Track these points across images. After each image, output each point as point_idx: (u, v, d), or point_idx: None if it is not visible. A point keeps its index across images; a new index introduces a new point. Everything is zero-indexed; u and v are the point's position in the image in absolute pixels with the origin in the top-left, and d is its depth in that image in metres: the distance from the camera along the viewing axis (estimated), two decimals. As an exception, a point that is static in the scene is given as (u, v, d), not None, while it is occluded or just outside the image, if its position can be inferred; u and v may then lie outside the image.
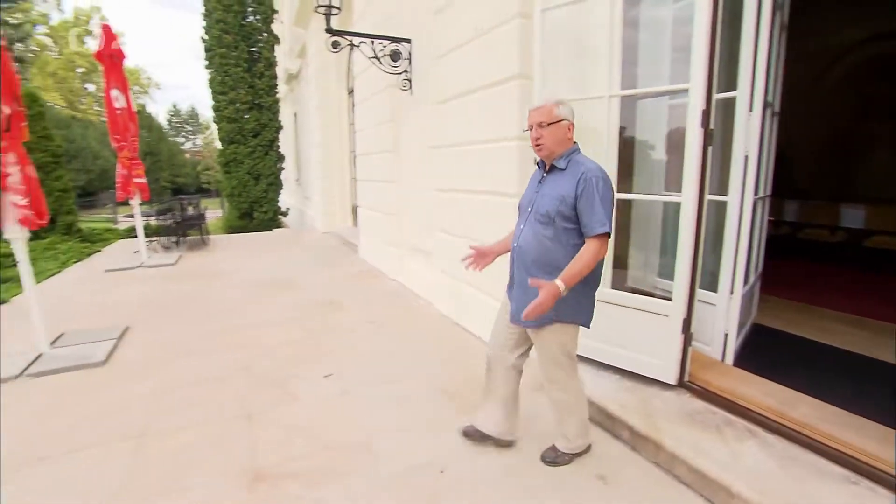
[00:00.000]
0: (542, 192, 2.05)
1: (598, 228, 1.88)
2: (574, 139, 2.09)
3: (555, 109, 2.00)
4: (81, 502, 2.07)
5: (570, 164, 2.01)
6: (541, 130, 2.01)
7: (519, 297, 2.10)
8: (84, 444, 2.52)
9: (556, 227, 1.98)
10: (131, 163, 6.93)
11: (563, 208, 1.95)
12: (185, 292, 5.52)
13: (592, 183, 1.90)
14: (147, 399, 2.98)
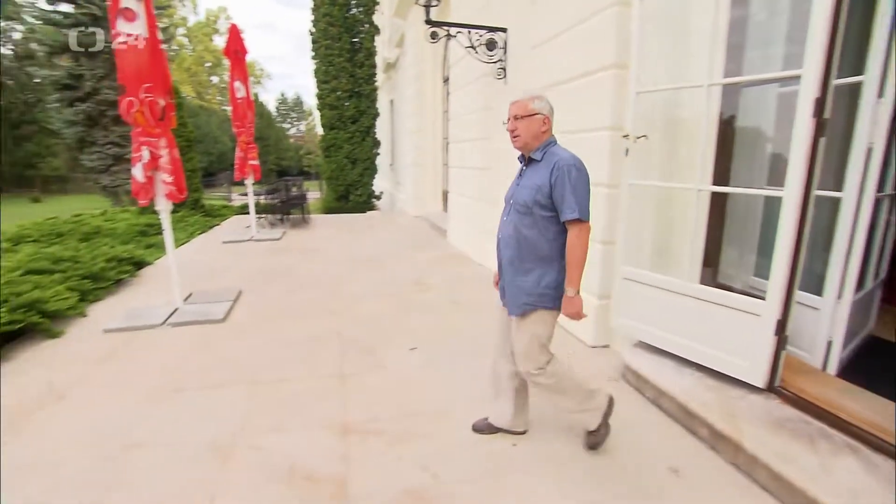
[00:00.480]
0: (522, 184, 2.12)
1: (570, 214, 1.95)
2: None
3: (530, 104, 2.06)
4: (213, 427, 2.48)
5: (545, 155, 2.07)
6: (516, 123, 2.08)
7: (507, 281, 2.18)
8: (210, 384, 2.98)
9: (534, 216, 2.04)
10: (248, 146, 7.73)
11: (539, 197, 2.02)
12: (289, 264, 6.10)
13: (564, 171, 1.96)
14: (257, 353, 3.42)
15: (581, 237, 1.98)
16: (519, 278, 2.11)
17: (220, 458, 2.26)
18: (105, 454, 2.31)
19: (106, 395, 2.87)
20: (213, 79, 45.73)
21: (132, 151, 3.79)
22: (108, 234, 7.02)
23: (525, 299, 2.10)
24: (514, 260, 2.13)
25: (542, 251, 2.06)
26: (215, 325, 3.95)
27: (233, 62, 7.59)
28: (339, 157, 13.12)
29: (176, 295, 4.22)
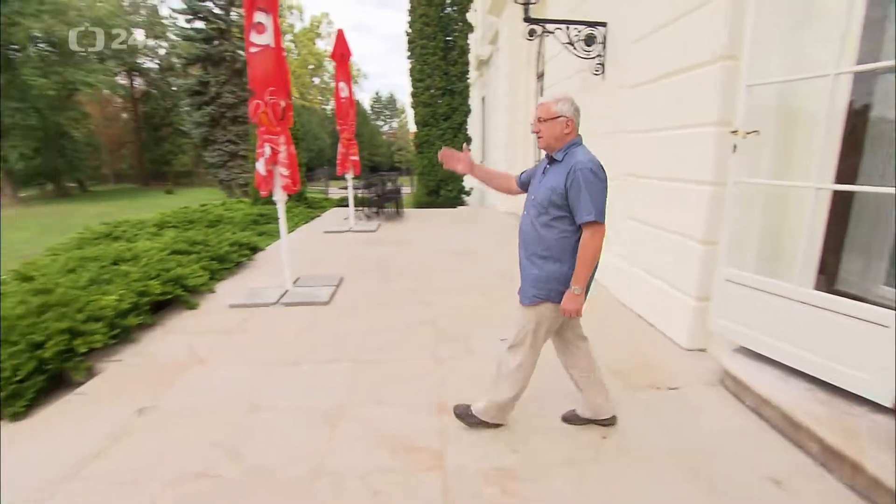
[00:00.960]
0: (542, 183, 2.19)
1: (585, 216, 2.02)
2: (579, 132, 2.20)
3: (553, 106, 2.15)
4: (323, 397, 2.80)
5: (566, 156, 2.14)
6: (540, 125, 2.18)
7: (521, 272, 2.29)
8: (319, 359, 3.32)
9: (549, 214, 2.13)
10: (349, 143, 8.26)
11: (554, 198, 2.10)
12: (384, 255, 6.47)
13: (580, 175, 2.02)
14: (358, 334, 3.72)
15: (594, 238, 2.06)
16: (532, 271, 2.21)
17: (330, 424, 2.54)
18: (236, 411, 2.69)
19: (236, 361, 3.31)
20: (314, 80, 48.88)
21: (256, 148, 4.27)
22: (228, 222, 7.89)
23: (534, 291, 2.20)
24: (529, 254, 2.23)
25: (555, 248, 2.14)
26: (321, 307, 4.34)
27: (338, 64, 8.14)
28: (431, 154, 13.52)
29: (287, 278, 4.70)
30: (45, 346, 2.97)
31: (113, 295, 3.56)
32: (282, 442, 2.41)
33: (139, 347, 3.53)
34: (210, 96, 26.99)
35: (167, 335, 3.76)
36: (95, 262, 4.24)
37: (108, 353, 3.37)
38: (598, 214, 2.03)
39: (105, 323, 3.33)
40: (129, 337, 3.56)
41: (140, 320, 3.66)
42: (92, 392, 2.96)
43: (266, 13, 4.17)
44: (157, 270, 4.20)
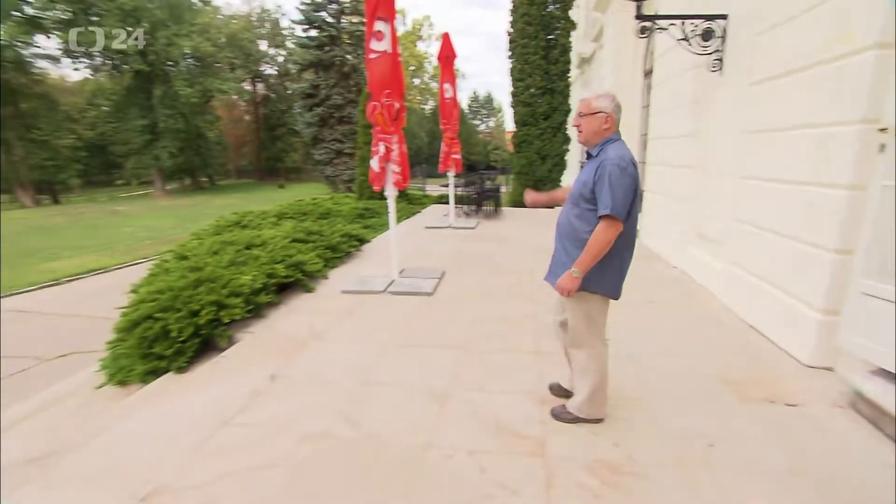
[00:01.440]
0: (578, 177, 2.31)
1: (602, 210, 2.10)
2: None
3: (593, 102, 2.23)
4: (431, 379, 3.00)
5: (600, 152, 2.21)
6: (580, 119, 2.27)
7: (554, 260, 2.42)
8: (426, 344, 3.55)
9: (579, 207, 2.24)
10: (452, 142, 8.54)
11: (584, 191, 2.20)
12: (484, 251, 6.63)
13: (607, 170, 2.10)
14: (462, 325, 3.90)
15: (607, 232, 2.14)
16: (564, 259, 2.32)
17: (438, 404, 2.73)
18: (352, 383, 2.98)
19: (350, 341, 3.64)
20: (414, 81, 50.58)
21: (372, 146, 4.62)
22: (337, 215, 8.52)
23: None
24: (565, 245, 2.35)
25: (584, 236, 2.22)
26: (425, 297, 4.59)
27: (443, 66, 8.45)
28: (529, 153, 13.49)
29: (393, 268, 5.02)
30: (200, 315, 3.50)
31: (248, 275, 4.08)
32: (394, 414, 2.64)
33: (267, 322, 4.01)
34: (320, 98, 29.11)
35: (290, 313, 4.21)
36: (232, 247, 4.86)
37: (244, 325, 3.87)
38: (616, 210, 2.09)
39: (242, 299, 3.83)
40: (259, 312, 4.06)
41: (268, 299, 4.15)
42: (233, 356, 3.43)
43: (385, 22, 4.48)
44: (281, 256, 4.71)
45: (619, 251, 2.26)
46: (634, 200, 2.18)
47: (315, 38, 29.37)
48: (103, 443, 2.50)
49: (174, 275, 4.04)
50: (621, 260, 2.33)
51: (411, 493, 2.05)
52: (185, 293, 3.65)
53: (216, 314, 3.59)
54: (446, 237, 7.70)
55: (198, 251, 4.82)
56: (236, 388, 2.96)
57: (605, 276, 2.28)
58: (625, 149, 2.21)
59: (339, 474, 2.17)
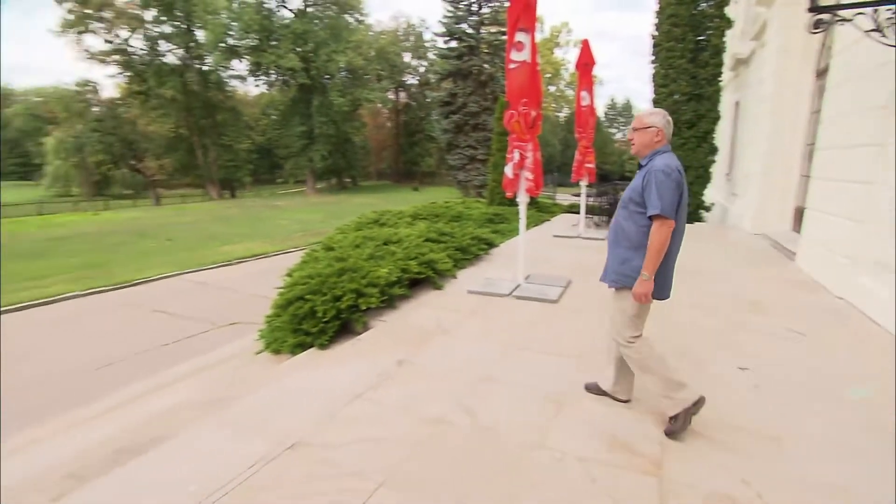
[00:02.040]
0: (630, 185, 2.50)
1: (652, 210, 2.31)
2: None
3: (646, 118, 2.47)
4: (549, 383, 3.05)
5: (649, 162, 2.42)
6: (633, 133, 2.50)
7: (608, 259, 2.62)
8: (546, 350, 3.58)
9: (629, 209, 2.46)
10: (586, 150, 8.37)
11: (633, 195, 2.43)
12: (610, 264, 6.40)
13: (653, 175, 2.33)
14: (583, 335, 3.85)
15: (661, 230, 2.33)
16: (614, 259, 2.56)
17: (553, 408, 2.76)
18: (471, 377, 3.13)
19: (473, 338, 3.82)
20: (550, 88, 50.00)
21: (507, 153, 4.76)
22: (468, 219, 8.85)
23: (614, 277, 2.56)
24: (614, 244, 2.58)
25: (633, 238, 2.45)
26: (550, 304, 4.60)
27: (581, 74, 8.32)
28: (669, 164, 12.59)
29: (519, 273, 5.11)
30: (342, 300, 3.95)
31: (385, 269, 4.48)
32: (509, 411, 2.73)
33: (399, 314, 4.36)
34: (457, 106, 30.31)
35: (419, 307, 4.53)
36: (372, 242, 5.36)
37: (378, 314, 4.26)
38: (665, 209, 2.29)
39: (378, 289, 4.23)
40: (392, 304, 4.43)
41: (401, 292, 4.51)
42: (367, 341, 3.81)
43: (526, 32, 4.60)
44: (415, 253, 5.08)
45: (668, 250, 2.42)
46: (681, 203, 2.38)
47: (455, 48, 30.72)
48: (259, 399, 2.97)
49: (322, 263, 4.60)
50: (665, 262, 2.45)
51: (517, 486, 2.12)
52: (331, 280, 4.15)
53: (355, 301, 4.01)
54: (574, 247, 7.57)
55: (342, 244, 5.41)
56: (368, 368, 3.29)
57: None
58: (672, 158, 2.42)
59: (451, 458, 2.32)
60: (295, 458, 2.31)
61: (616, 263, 2.53)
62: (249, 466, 2.22)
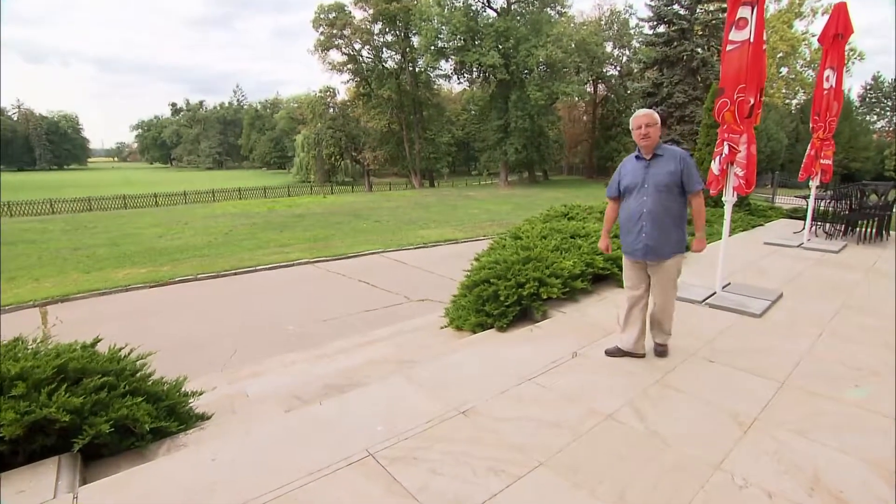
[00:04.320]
0: (653, 173, 3.07)
1: (697, 186, 3.09)
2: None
3: (654, 115, 3.08)
4: (737, 401, 2.75)
5: (664, 151, 3.09)
6: (649, 129, 3.03)
7: (657, 239, 3.07)
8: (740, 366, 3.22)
9: (673, 193, 3.06)
10: (822, 143, 6.95)
11: (674, 180, 3.04)
12: (844, 281, 5.27)
13: (688, 160, 3.08)
14: (791, 356, 3.33)
15: (702, 201, 3.15)
16: (667, 235, 3.07)
17: (739, 429, 2.48)
18: (648, 380, 2.99)
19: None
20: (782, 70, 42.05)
21: (716, 146, 4.29)
22: (661, 219, 8.16)
23: (674, 248, 3.12)
24: (664, 224, 3.05)
25: (678, 215, 3.09)
26: (750, 318, 4.05)
27: (828, 47, 6.87)
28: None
29: (717, 280, 4.58)
30: (524, 287, 4.11)
31: (569, 261, 4.50)
32: (684, 421, 2.55)
33: (579, 306, 4.35)
34: (661, 97, 27.84)
35: (600, 302, 4.44)
36: (559, 234, 5.40)
37: (558, 304, 4.32)
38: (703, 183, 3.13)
39: (561, 281, 4.27)
40: (573, 296, 4.44)
41: (583, 286, 4.48)
42: (545, 328, 3.91)
43: (751, 7, 4.05)
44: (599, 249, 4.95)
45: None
46: None
47: (663, 33, 28.15)
48: (441, 365, 3.32)
49: (508, 250, 4.82)
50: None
51: (686, 496, 2.00)
52: (515, 266, 4.34)
53: (537, 289, 4.14)
54: (792, 258, 6.42)
55: (529, 233, 5.56)
56: (542, 354, 3.39)
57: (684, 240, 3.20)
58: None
59: (614, 453, 2.29)
60: (466, 422, 2.56)
61: (669, 240, 3.07)
62: (427, 421, 2.55)
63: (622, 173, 3.22)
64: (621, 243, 3.31)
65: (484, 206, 23.28)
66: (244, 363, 5.35)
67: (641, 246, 3.10)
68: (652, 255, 3.10)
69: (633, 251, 3.19)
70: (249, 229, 15.88)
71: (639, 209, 3.09)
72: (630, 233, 3.17)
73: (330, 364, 4.32)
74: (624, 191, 3.20)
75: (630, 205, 3.15)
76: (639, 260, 3.19)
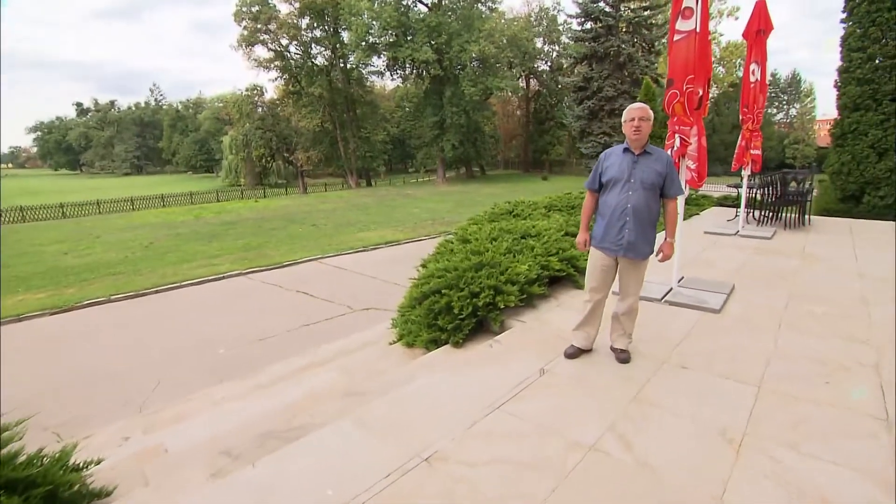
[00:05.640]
0: (643, 169, 2.94)
1: (678, 192, 3.05)
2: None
3: (648, 110, 2.93)
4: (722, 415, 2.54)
5: (652, 150, 2.98)
6: (641, 122, 2.90)
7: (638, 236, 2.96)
8: (714, 371, 3.04)
9: (655, 192, 2.97)
10: (752, 134, 7.18)
11: (659, 180, 2.94)
12: (786, 268, 5.39)
13: (673, 164, 3.03)
14: (760, 356, 3.21)
15: (677, 206, 3.14)
16: (644, 235, 2.98)
17: (730, 449, 2.27)
18: (623, 396, 2.74)
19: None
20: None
21: (666, 139, 4.16)
22: (605, 212, 8.15)
23: (651, 247, 3.04)
24: (641, 221, 2.94)
25: (656, 216, 3.02)
26: (710, 314, 3.95)
27: (752, 42, 7.09)
28: (858, 147, 10.37)
29: (673, 275, 4.48)
30: (480, 297, 3.77)
31: (524, 265, 4.21)
32: (672, 446, 2.30)
33: (537, 314, 4.07)
34: (591, 91, 28.71)
35: (559, 308, 4.19)
36: (510, 235, 5.11)
37: (516, 313, 4.01)
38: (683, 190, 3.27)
39: (518, 287, 3.97)
40: (531, 303, 4.16)
41: (541, 291, 4.21)
42: (505, 343, 3.57)
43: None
44: (555, 248, 4.73)
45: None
46: None
47: (591, 29, 29.03)
48: (395, 399, 2.87)
49: (458, 256, 4.47)
50: None
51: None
52: (468, 274, 4.00)
53: (493, 298, 3.81)
54: (732, 246, 6.55)
55: (478, 235, 5.24)
56: (506, 374, 3.07)
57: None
58: None
59: (608, 500, 1.99)
60: (431, 472, 2.17)
61: (647, 239, 2.98)
62: (385, 476, 2.13)
63: (605, 165, 3.06)
64: (595, 238, 3.11)
65: (424, 204, 22.92)
66: (167, 399, 4.69)
67: (624, 242, 2.96)
68: (632, 253, 2.97)
69: (612, 247, 3.01)
70: (173, 240, 14.58)
71: (622, 204, 2.96)
72: (611, 228, 2.99)
73: (267, 399, 3.79)
74: (606, 183, 3.04)
75: (612, 199, 3.00)
76: (612, 257, 3.04)
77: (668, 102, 4.05)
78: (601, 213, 3.08)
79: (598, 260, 3.10)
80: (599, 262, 3.10)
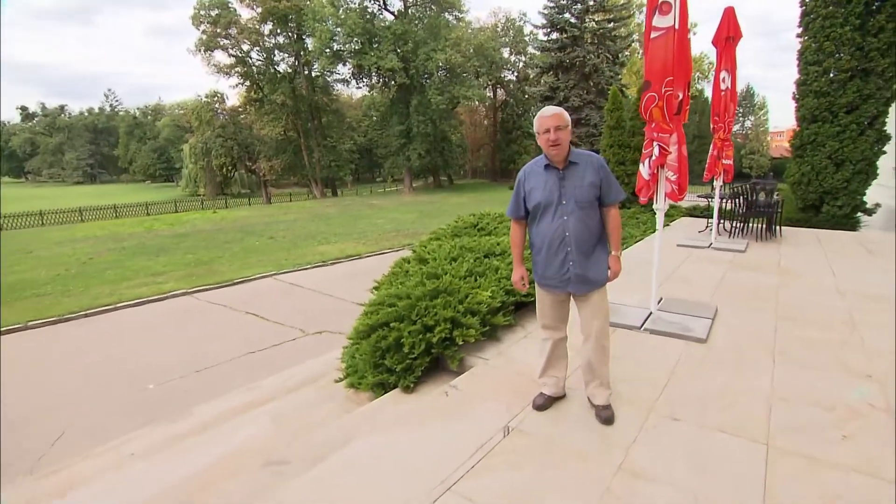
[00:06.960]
0: (572, 186, 2.43)
1: (618, 197, 2.50)
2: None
3: (565, 115, 2.40)
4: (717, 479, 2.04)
5: (578, 157, 2.46)
6: (558, 133, 2.35)
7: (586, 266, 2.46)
8: (710, 424, 2.55)
9: (593, 208, 2.47)
10: (723, 144, 6.92)
11: (594, 194, 2.45)
12: (765, 285, 5.05)
13: (605, 167, 2.50)
14: (761, 399, 2.75)
15: (619, 213, 2.55)
16: (593, 261, 2.49)
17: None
18: (603, 465, 2.22)
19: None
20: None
21: (643, 147, 3.73)
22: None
23: (604, 273, 2.52)
24: (585, 247, 2.46)
25: (601, 234, 2.54)
26: (696, 344, 3.50)
27: (721, 50, 6.87)
28: (816, 158, 10.37)
29: (651, 298, 4.04)
30: (434, 332, 3.22)
31: (487, 292, 3.68)
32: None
33: (502, 348, 3.53)
34: (558, 101, 28.77)
35: (526, 341, 3.66)
36: (471, 253, 4.59)
37: (477, 349, 3.48)
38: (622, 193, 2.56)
39: (479, 318, 3.44)
40: (494, 334, 3.62)
41: (506, 321, 3.68)
42: (463, 389, 3.01)
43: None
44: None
45: None
46: None
47: (556, 40, 29.19)
48: (321, 475, 2.28)
49: (413, 279, 3.92)
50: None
51: None
52: (421, 304, 3.43)
53: (450, 333, 3.26)
54: (706, 260, 6.23)
55: (437, 254, 4.70)
56: (465, 433, 2.52)
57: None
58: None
59: None
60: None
61: (598, 266, 2.50)
62: None
63: (527, 188, 2.52)
64: (536, 273, 2.61)
65: (388, 214, 22.25)
66: (69, 454, 3.93)
67: (571, 276, 2.48)
68: (583, 287, 2.49)
69: (557, 284, 2.53)
70: (116, 255, 13.47)
71: (560, 232, 2.45)
72: (551, 262, 2.50)
73: (180, 457, 3.13)
74: (534, 210, 2.50)
75: (545, 228, 2.49)
76: (562, 291, 2.55)
77: (645, 107, 3.61)
78: (535, 247, 2.59)
79: (546, 297, 2.63)
80: (548, 299, 2.62)
